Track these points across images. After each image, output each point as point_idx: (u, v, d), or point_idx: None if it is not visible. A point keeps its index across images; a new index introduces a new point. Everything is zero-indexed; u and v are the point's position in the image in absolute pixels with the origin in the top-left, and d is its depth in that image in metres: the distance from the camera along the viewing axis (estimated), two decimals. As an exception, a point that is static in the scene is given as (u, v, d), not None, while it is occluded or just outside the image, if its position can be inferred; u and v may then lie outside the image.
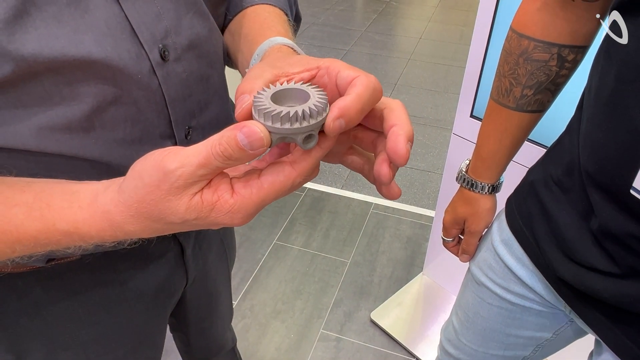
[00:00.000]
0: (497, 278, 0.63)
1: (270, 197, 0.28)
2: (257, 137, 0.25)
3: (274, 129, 0.26)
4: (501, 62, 0.58)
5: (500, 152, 0.61)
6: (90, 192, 0.30)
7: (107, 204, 0.29)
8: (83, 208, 0.30)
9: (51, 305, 0.48)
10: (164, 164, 0.26)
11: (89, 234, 0.30)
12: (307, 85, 0.29)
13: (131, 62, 0.37)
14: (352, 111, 0.27)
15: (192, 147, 0.26)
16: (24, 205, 0.31)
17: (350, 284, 1.54)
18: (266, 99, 0.27)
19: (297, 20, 0.56)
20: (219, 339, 0.85)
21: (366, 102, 0.28)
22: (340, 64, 0.30)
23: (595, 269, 0.48)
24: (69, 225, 0.30)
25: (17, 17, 0.31)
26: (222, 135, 0.25)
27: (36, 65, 0.33)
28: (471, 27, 1.02)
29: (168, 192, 0.26)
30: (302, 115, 0.26)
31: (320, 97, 0.27)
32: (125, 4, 0.37)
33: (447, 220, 0.70)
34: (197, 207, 0.27)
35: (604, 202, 0.46)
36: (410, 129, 0.29)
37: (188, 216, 0.27)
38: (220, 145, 0.25)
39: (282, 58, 0.35)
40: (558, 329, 0.63)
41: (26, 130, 0.35)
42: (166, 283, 0.58)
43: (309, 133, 0.27)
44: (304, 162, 0.28)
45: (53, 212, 0.30)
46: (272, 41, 0.42)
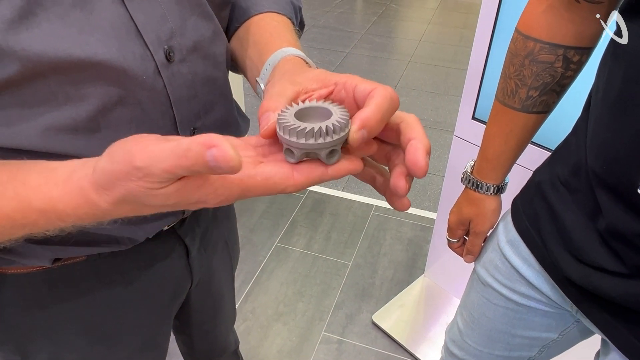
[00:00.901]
0: (503, 278, 0.63)
1: (257, 190, 0.27)
2: (226, 165, 0.23)
3: (298, 145, 0.27)
4: (506, 64, 0.59)
5: (505, 153, 0.61)
6: (66, 169, 0.30)
7: (82, 180, 0.28)
8: (58, 185, 0.29)
9: (57, 306, 0.49)
10: (132, 158, 0.25)
11: (64, 212, 0.30)
12: (328, 103, 0.30)
13: (136, 63, 0.37)
14: (372, 121, 0.28)
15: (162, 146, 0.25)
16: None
17: (351, 286, 1.54)
18: (290, 117, 0.28)
19: (301, 27, 0.56)
20: (222, 341, 0.85)
21: (385, 111, 0.29)
22: (356, 79, 0.31)
23: (602, 268, 0.48)
24: (44, 203, 0.30)
25: (23, 17, 0.31)
26: (189, 148, 0.23)
27: (41, 66, 0.33)
28: (471, 30, 1.03)
29: (137, 184, 0.25)
30: (325, 131, 0.27)
31: (342, 114, 0.28)
32: (130, 5, 0.37)
33: (452, 221, 0.70)
34: (179, 192, 0.26)
35: (611, 202, 0.46)
36: (428, 143, 0.29)
37: (167, 201, 0.26)
38: (187, 160, 0.23)
39: (299, 72, 0.35)
40: (564, 329, 0.63)
41: (32, 130, 0.35)
42: (171, 284, 0.58)
43: (332, 148, 0.28)
44: (304, 177, 0.28)
45: (28, 189, 0.30)
46: (284, 52, 0.42)
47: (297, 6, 0.54)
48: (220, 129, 0.49)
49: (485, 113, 1.10)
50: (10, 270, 0.45)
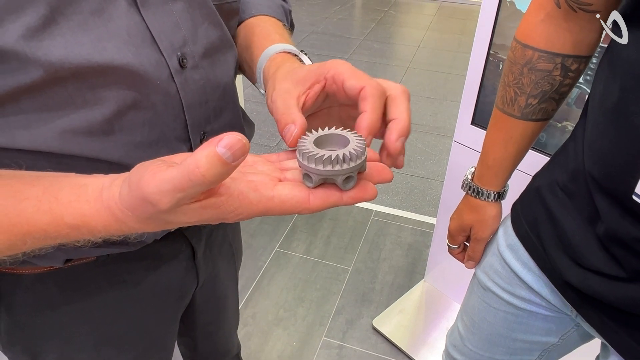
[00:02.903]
0: (503, 283, 0.63)
1: (274, 211, 0.29)
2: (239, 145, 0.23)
3: (316, 171, 0.28)
4: (505, 72, 0.60)
5: (505, 160, 0.62)
6: (97, 186, 0.31)
7: (110, 200, 0.29)
8: (90, 202, 0.30)
9: (67, 306, 0.49)
10: (143, 186, 0.25)
11: (96, 228, 0.31)
12: (347, 131, 0.31)
13: (151, 69, 0.39)
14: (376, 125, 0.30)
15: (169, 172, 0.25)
16: (34, 199, 0.31)
17: (351, 291, 1.54)
18: (309, 144, 0.30)
19: (292, 28, 0.59)
20: (225, 344, 0.85)
21: (380, 108, 0.31)
22: (343, 72, 0.33)
23: (601, 273, 0.49)
24: (76, 219, 0.31)
25: (46, 25, 0.33)
26: (197, 159, 0.23)
27: (62, 71, 0.34)
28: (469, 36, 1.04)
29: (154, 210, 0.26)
30: (342, 158, 0.28)
31: (359, 142, 0.30)
32: (146, 13, 0.38)
33: (453, 228, 0.71)
34: (198, 212, 0.27)
35: (609, 207, 0.46)
36: (405, 125, 0.32)
37: (189, 220, 0.28)
38: (199, 169, 0.23)
39: (291, 72, 0.37)
40: (564, 333, 0.63)
41: (50, 132, 0.37)
42: (178, 284, 0.59)
43: (348, 175, 0.29)
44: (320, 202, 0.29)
45: (61, 205, 0.31)
46: (267, 54, 0.45)
47: (287, 9, 0.57)
48: None
49: (484, 118, 1.11)
50: (22, 271, 0.46)
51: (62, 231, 0.31)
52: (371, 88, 0.32)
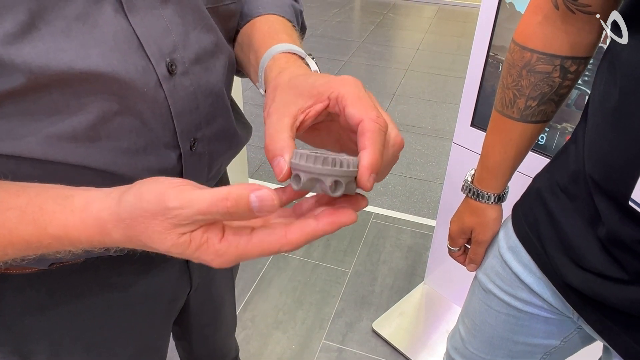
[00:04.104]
0: (504, 285, 0.63)
1: (254, 253, 0.29)
2: (270, 203, 0.26)
3: (306, 168, 0.28)
4: (504, 74, 0.59)
5: (505, 162, 0.62)
6: (83, 198, 0.31)
7: (102, 211, 0.30)
8: (75, 212, 0.30)
9: (56, 307, 0.49)
10: (165, 199, 0.27)
11: (78, 239, 0.31)
12: (342, 154, 0.31)
13: (137, 76, 0.38)
14: (377, 164, 0.29)
15: (198, 192, 0.27)
16: (18, 209, 0.31)
17: (351, 294, 1.54)
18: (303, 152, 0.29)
19: (303, 30, 0.56)
20: (222, 347, 0.85)
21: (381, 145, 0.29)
22: (346, 96, 0.31)
23: (602, 274, 0.49)
24: (59, 230, 0.31)
25: (26, 31, 0.32)
26: (229, 192, 0.26)
27: (44, 78, 0.34)
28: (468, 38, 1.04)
29: (161, 224, 0.27)
30: (332, 161, 0.28)
31: (352, 158, 0.29)
32: (133, 19, 0.37)
33: (453, 230, 0.71)
34: (184, 245, 0.28)
35: (610, 209, 0.46)
36: (374, 159, 0.29)
37: (173, 250, 0.28)
38: (227, 201, 0.26)
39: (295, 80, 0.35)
40: (566, 336, 0.63)
41: (33, 138, 0.36)
42: (169, 288, 0.58)
43: (336, 179, 0.28)
44: (297, 235, 0.28)
45: (45, 215, 0.31)
46: (270, 53, 0.43)
47: (298, 9, 0.54)
48: (221, 139, 0.50)
49: (483, 120, 1.11)
50: (11, 271, 0.45)
51: (44, 241, 0.31)
52: (370, 122, 0.29)
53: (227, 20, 0.48)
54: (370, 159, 0.28)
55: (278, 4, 0.51)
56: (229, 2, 0.47)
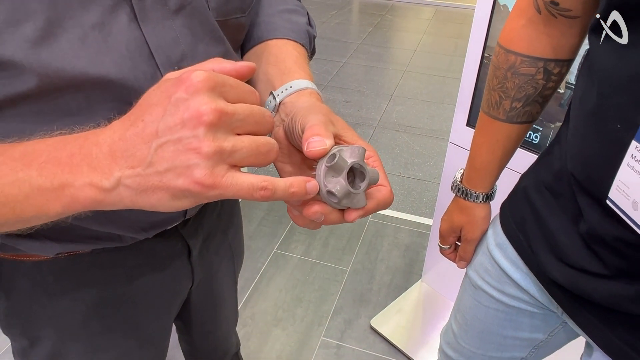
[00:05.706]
0: (493, 281, 0.65)
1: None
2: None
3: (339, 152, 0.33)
4: (490, 76, 0.61)
5: (492, 163, 0.64)
6: (79, 139, 0.31)
7: (102, 134, 0.31)
8: (47, 140, 0.31)
9: (62, 296, 0.51)
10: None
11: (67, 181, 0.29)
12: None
13: (146, 83, 0.40)
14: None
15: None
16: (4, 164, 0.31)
17: (349, 292, 1.56)
18: None
19: (312, 53, 0.58)
20: (224, 343, 0.87)
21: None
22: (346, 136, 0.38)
23: (585, 270, 0.50)
24: (49, 171, 0.30)
25: (45, 37, 0.34)
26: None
27: (59, 81, 0.35)
28: (465, 39, 1.06)
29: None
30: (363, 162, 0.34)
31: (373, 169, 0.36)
32: (145, 28, 0.39)
33: (443, 229, 0.73)
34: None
35: (591, 207, 0.48)
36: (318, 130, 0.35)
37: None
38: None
39: (330, 114, 0.39)
40: (552, 330, 0.65)
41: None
42: (172, 282, 0.60)
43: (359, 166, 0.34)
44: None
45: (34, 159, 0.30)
46: (308, 84, 0.45)
47: (312, 35, 0.56)
48: None
49: (477, 121, 1.12)
50: (22, 258, 0.48)
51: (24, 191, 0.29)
52: (382, 194, 0.36)
53: (236, 33, 0.50)
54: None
55: (294, 29, 0.52)
56: (238, 15, 0.48)
